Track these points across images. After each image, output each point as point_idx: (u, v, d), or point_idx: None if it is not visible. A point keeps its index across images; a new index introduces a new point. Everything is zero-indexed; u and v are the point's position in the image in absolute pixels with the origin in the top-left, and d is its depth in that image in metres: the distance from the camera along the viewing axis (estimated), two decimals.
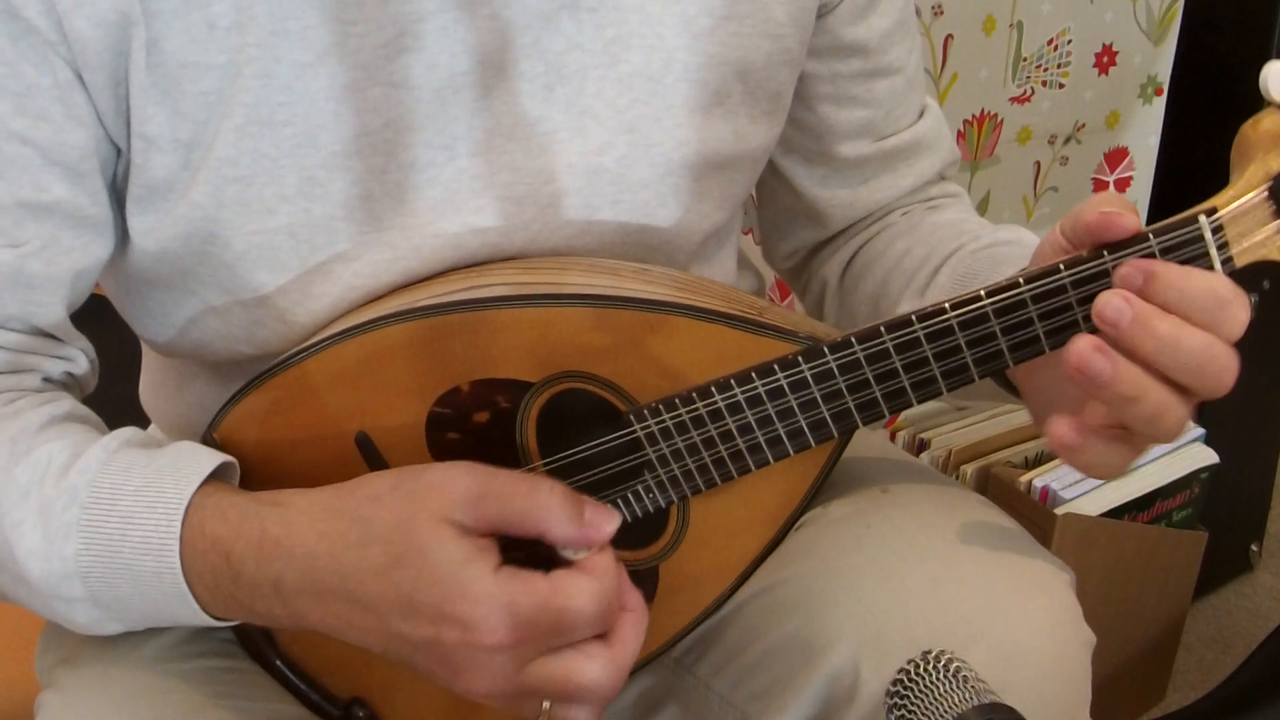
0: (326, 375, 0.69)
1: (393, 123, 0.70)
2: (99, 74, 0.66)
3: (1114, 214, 0.63)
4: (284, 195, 0.69)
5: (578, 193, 0.74)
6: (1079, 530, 1.42)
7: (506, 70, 0.72)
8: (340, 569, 0.62)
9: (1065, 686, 0.73)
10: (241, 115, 0.67)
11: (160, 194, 0.70)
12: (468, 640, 0.60)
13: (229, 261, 0.71)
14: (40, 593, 0.68)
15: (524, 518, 0.62)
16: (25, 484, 0.67)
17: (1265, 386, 1.73)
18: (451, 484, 0.62)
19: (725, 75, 0.76)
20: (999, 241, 0.81)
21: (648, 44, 0.74)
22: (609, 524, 0.63)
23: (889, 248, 0.88)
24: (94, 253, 0.72)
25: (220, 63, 0.67)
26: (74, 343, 0.76)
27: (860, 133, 0.88)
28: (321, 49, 0.68)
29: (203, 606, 0.67)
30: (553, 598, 0.60)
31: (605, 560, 0.63)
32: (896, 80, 0.87)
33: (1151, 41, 1.62)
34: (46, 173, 0.68)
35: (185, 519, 0.65)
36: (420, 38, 0.69)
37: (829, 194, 0.90)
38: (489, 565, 0.60)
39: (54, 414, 0.71)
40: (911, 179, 0.90)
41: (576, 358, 0.69)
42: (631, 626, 0.64)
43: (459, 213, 0.72)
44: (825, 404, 0.69)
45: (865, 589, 0.74)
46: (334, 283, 0.72)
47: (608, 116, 0.74)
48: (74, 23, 0.64)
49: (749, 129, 0.79)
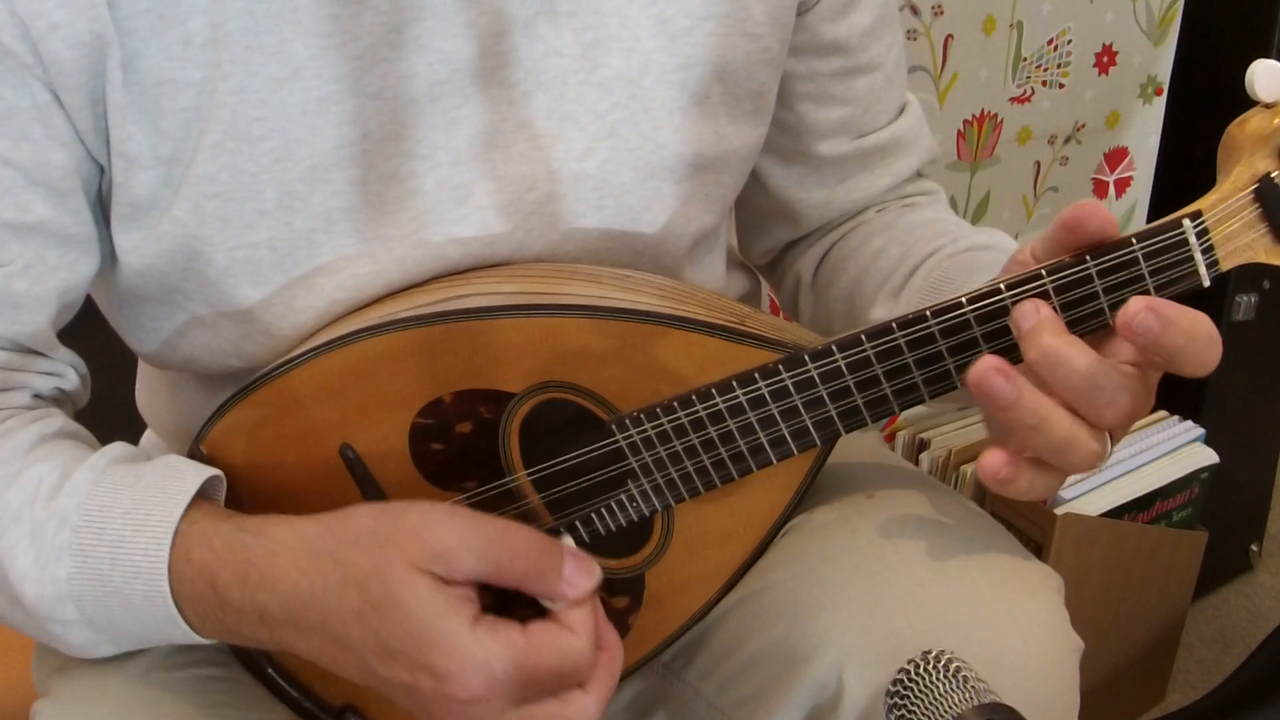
0: (310, 387, 0.70)
1: (370, 134, 0.70)
2: (76, 94, 0.66)
3: (1089, 205, 0.63)
4: (263, 210, 0.69)
5: (561, 199, 0.74)
6: (1079, 530, 1.42)
7: (485, 78, 0.72)
8: (321, 608, 0.62)
9: (1053, 693, 0.73)
10: (219, 131, 0.68)
11: (143, 211, 0.70)
12: (442, 691, 0.60)
13: (212, 277, 0.71)
14: (35, 615, 0.68)
15: (501, 571, 0.62)
16: (17, 507, 0.68)
17: (1265, 386, 1.73)
18: (428, 533, 0.61)
19: (704, 76, 0.76)
20: (976, 246, 0.81)
21: (626, 47, 0.74)
22: (588, 581, 0.64)
23: (863, 245, 0.88)
24: (80, 270, 0.72)
25: (197, 79, 0.67)
26: (62, 358, 0.77)
27: (839, 130, 0.88)
28: (297, 63, 0.68)
29: (192, 628, 0.67)
30: (529, 655, 0.60)
31: (584, 615, 0.63)
32: (876, 77, 0.87)
33: (1151, 41, 1.62)
34: (29, 193, 0.68)
35: (173, 543, 0.66)
36: (396, 48, 0.69)
37: (805, 194, 0.90)
38: (466, 618, 0.60)
39: (43, 433, 0.71)
40: (889, 179, 0.90)
41: (558, 367, 0.69)
42: (606, 667, 0.65)
43: (441, 223, 0.72)
44: (807, 411, 0.69)
45: (850, 596, 0.74)
46: (317, 295, 0.72)
47: (588, 121, 0.74)
48: (49, 46, 0.65)
49: (731, 129, 0.79)
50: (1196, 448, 1.55)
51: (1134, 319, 0.60)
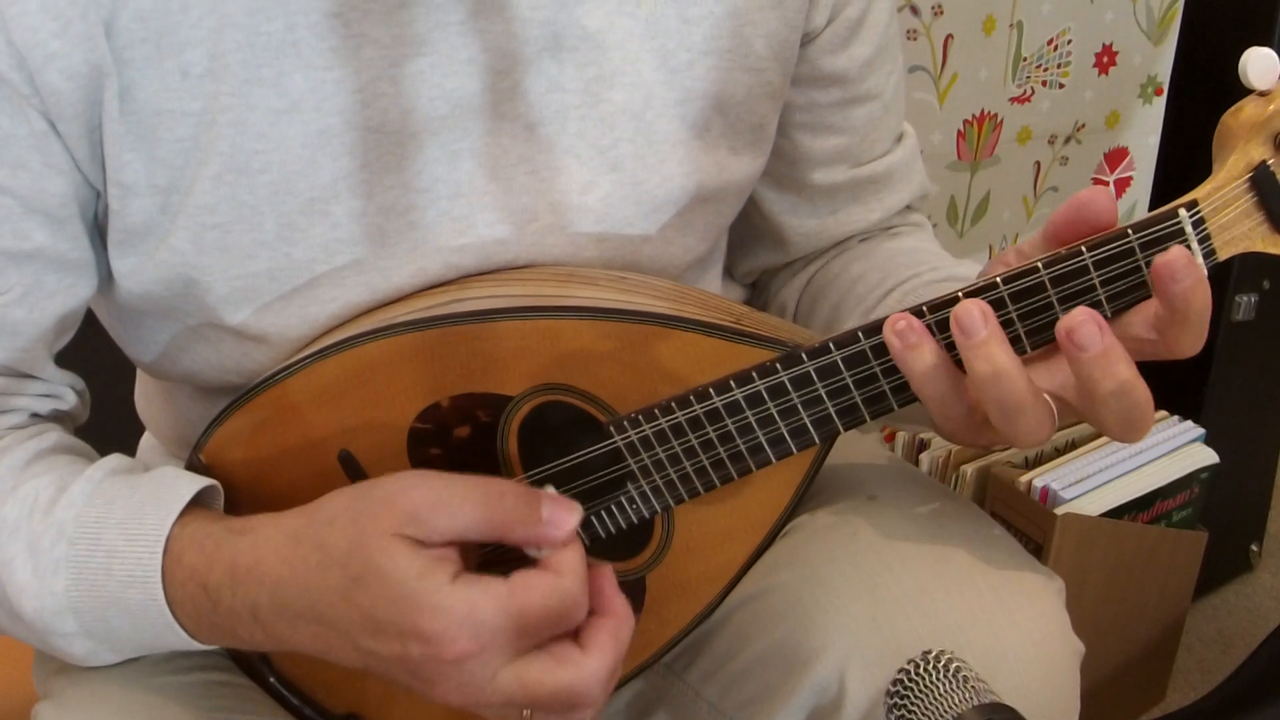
0: (308, 394, 0.70)
1: (370, 165, 0.70)
2: (73, 124, 0.66)
3: (1092, 192, 0.63)
4: (263, 241, 0.69)
5: (561, 231, 0.74)
6: (1079, 530, 1.42)
7: (487, 112, 0.71)
8: (307, 593, 0.62)
9: (1053, 696, 0.73)
10: (218, 164, 0.67)
11: (140, 238, 0.70)
12: (432, 654, 0.59)
13: (211, 304, 0.71)
14: (35, 629, 0.68)
15: (477, 524, 0.61)
16: (14, 521, 0.68)
17: (1265, 386, 1.73)
18: (401, 498, 0.61)
19: (704, 109, 0.76)
20: (956, 276, 0.80)
21: (629, 81, 0.73)
22: (569, 518, 0.62)
23: (843, 271, 0.88)
24: (78, 294, 0.72)
25: (195, 110, 0.67)
26: (59, 380, 0.77)
27: (835, 159, 0.87)
28: (296, 95, 0.67)
29: (189, 634, 0.67)
30: (511, 600, 0.59)
31: (568, 556, 0.62)
32: (874, 106, 0.86)
33: (1151, 41, 1.61)
34: (26, 221, 0.68)
35: (166, 550, 0.66)
36: (397, 83, 0.69)
37: (796, 222, 0.89)
38: (445, 576, 0.60)
39: (39, 449, 0.72)
40: (880, 213, 0.90)
41: (556, 369, 0.69)
42: (610, 633, 0.63)
43: (440, 253, 0.72)
44: (805, 410, 0.69)
45: (851, 598, 0.74)
46: (313, 326, 0.72)
47: (590, 156, 0.74)
48: (46, 77, 0.64)
49: (731, 161, 0.78)
50: (1196, 448, 1.55)
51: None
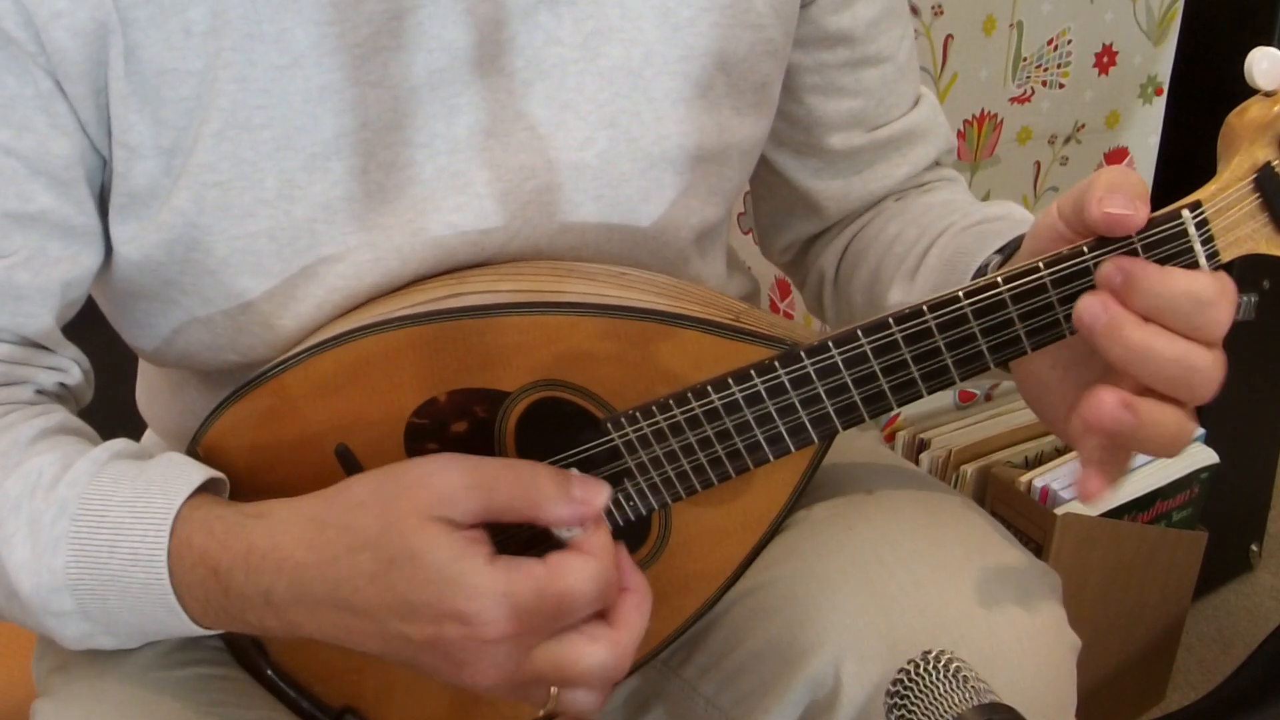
0: (306, 387, 0.70)
1: (370, 123, 0.70)
2: (79, 84, 0.67)
3: (1120, 216, 0.61)
4: (264, 199, 0.69)
5: (559, 189, 0.74)
6: (1079, 530, 1.42)
7: (485, 66, 0.72)
8: (331, 578, 0.62)
9: (1049, 691, 0.73)
10: (220, 120, 0.68)
11: (143, 201, 0.70)
12: (470, 635, 0.60)
13: (211, 268, 0.71)
14: (31, 608, 0.68)
15: (511, 504, 0.62)
16: (15, 497, 0.67)
17: (1265, 386, 1.73)
18: (434, 480, 0.62)
19: (707, 67, 0.76)
20: (988, 218, 0.81)
21: (627, 37, 0.74)
22: (599, 496, 0.64)
23: (881, 232, 0.88)
24: (83, 263, 0.72)
25: (198, 68, 0.67)
26: (65, 352, 0.77)
27: (851, 124, 0.87)
28: (297, 51, 0.68)
29: (191, 617, 0.67)
30: (551, 582, 0.60)
31: (600, 537, 0.63)
32: (887, 69, 0.86)
33: (1151, 41, 1.61)
34: (31, 183, 0.68)
35: (173, 530, 0.65)
36: (397, 35, 0.69)
37: (823, 185, 0.90)
38: (482, 557, 0.60)
39: (45, 426, 0.71)
40: (906, 168, 0.90)
41: (554, 365, 0.69)
42: (635, 608, 0.64)
43: (439, 211, 0.72)
44: (804, 408, 0.69)
45: (847, 593, 0.74)
46: (317, 285, 0.72)
47: (588, 111, 0.74)
48: (52, 34, 0.65)
49: (734, 121, 0.79)
50: (1196, 448, 1.55)
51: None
